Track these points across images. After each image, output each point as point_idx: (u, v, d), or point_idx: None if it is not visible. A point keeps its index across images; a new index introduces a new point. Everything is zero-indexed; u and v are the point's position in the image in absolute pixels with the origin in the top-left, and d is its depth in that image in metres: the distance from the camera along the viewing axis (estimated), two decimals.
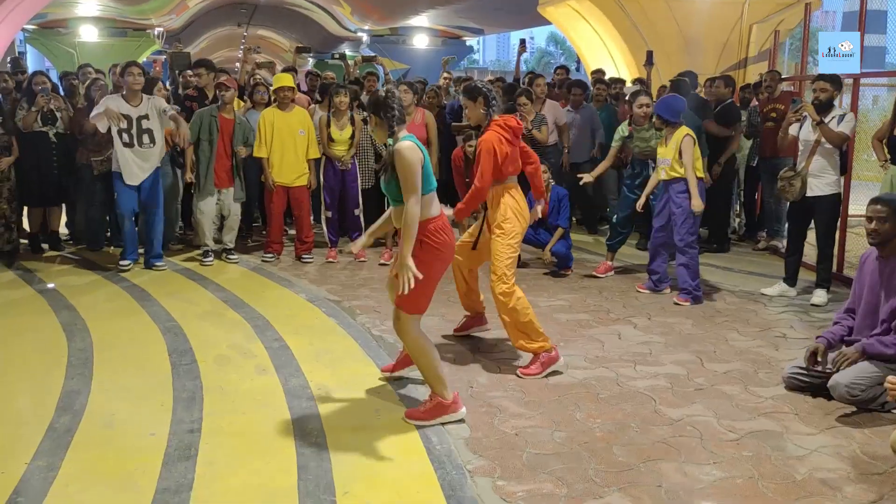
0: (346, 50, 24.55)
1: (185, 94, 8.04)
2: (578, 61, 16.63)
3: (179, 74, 9.30)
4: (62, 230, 7.98)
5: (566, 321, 5.58)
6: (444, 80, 10.35)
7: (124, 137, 6.59)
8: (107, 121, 6.44)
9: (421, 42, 27.15)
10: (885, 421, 3.92)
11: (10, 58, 13.32)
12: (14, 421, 3.87)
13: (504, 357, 4.80)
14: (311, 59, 28.05)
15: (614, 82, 9.77)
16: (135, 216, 7.03)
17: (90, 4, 19.11)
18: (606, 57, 14.18)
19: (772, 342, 5.18)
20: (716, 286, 6.59)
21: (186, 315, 5.59)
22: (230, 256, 7.31)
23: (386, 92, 3.83)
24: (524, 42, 10.44)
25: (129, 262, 6.84)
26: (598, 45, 14.52)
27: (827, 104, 6.00)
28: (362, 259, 7.38)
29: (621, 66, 13.65)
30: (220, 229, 7.38)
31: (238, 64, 12.66)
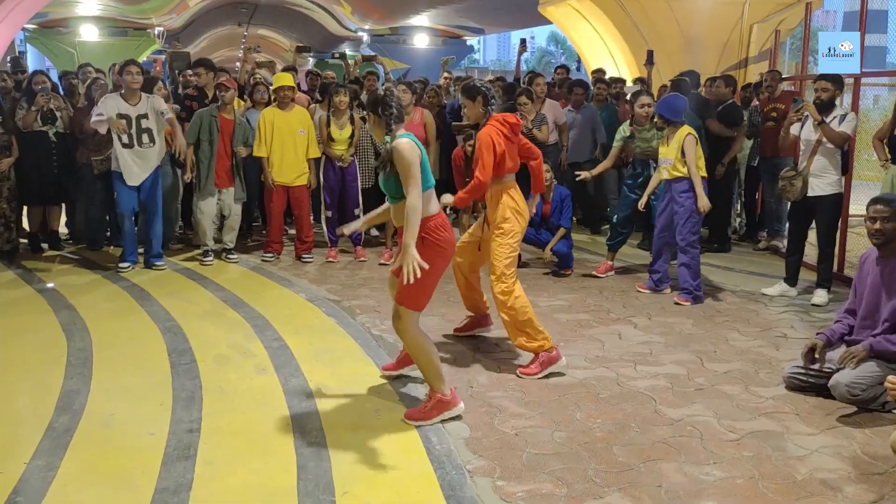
0: (346, 49, 24.52)
1: (185, 94, 8.03)
2: (579, 61, 16.63)
3: (179, 74, 9.29)
4: (62, 230, 7.97)
5: (566, 321, 5.57)
6: (444, 80, 10.34)
7: (123, 138, 6.57)
8: (107, 116, 6.44)
9: (421, 42, 27.16)
10: (886, 421, 3.91)
11: (10, 57, 13.31)
12: (13, 420, 3.87)
13: (504, 357, 4.79)
14: (312, 59, 28.05)
15: (615, 82, 9.77)
16: (135, 216, 7.03)
17: (90, 4, 19.10)
18: (607, 56, 14.18)
19: (772, 342, 5.17)
20: (716, 286, 6.58)
21: (186, 315, 5.58)
22: (230, 256, 7.30)
23: (385, 91, 3.89)
24: (525, 42, 10.43)
25: (128, 264, 6.82)
26: (598, 44, 14.52)
27: (828, 104, 6.00)
28: (362, 259, 7.38)
29: (622, 66, 13.65)
30: (220, 229, 7.38)
31: (238, 63, 12.64)
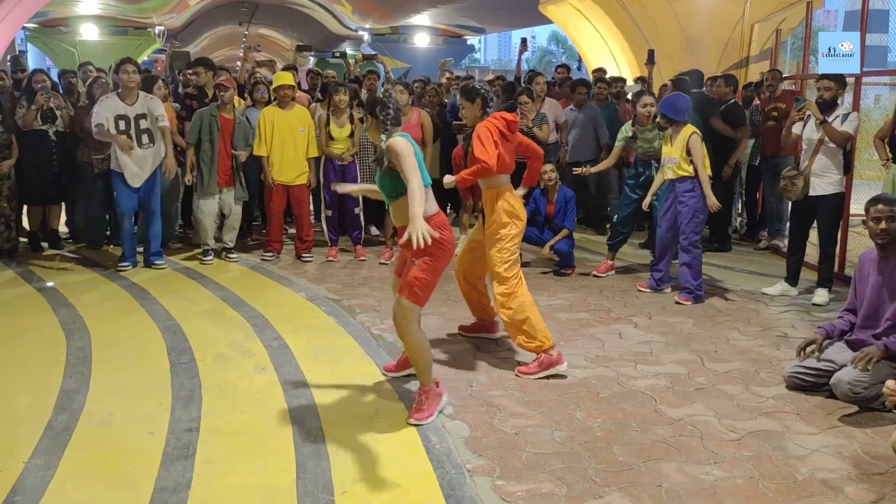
0: (346, 49, 24.53)
1: (186, 93, 8.03)
2: (580, 60, 16.61)
3: (179, 73, 9.29)
4: (62, 228, 7.98)
5: (566, 320, 5.57)
6: (446, 80, 10.34)
7: (131, 146, 6.56)
8: (107, 126, 6.44)
9: (422, 41, 27.15)
10: (887, 421, 3.90)
11: (10, 56, 13.31)
12: (12, 420, 3.86)
13: (504, 356, 4.79)
14: (312, 58, 28.05)
15: (615, 81, 9.77)
16: (135, 215, 7.02)
17: (91, 3, 19.09)
18: (608, 56, 14.16)
19: (773, 342, 5.16)
20: (717, 285, 6.57)
21: (186, 314, 5.58)
22: (230, 255, 7.30)
23: (384, 94, 4.00)
24: (525, 41, 10.43)
25: (128, 263, 6.82)
26: (599, 43, 14.51)
27: (831, 103, 5.98)
28: (362, 258, 7.38)
29: (623, 65, 13.63)
30: (220, 228, 7.37)
31: (239, 63, 12.63)
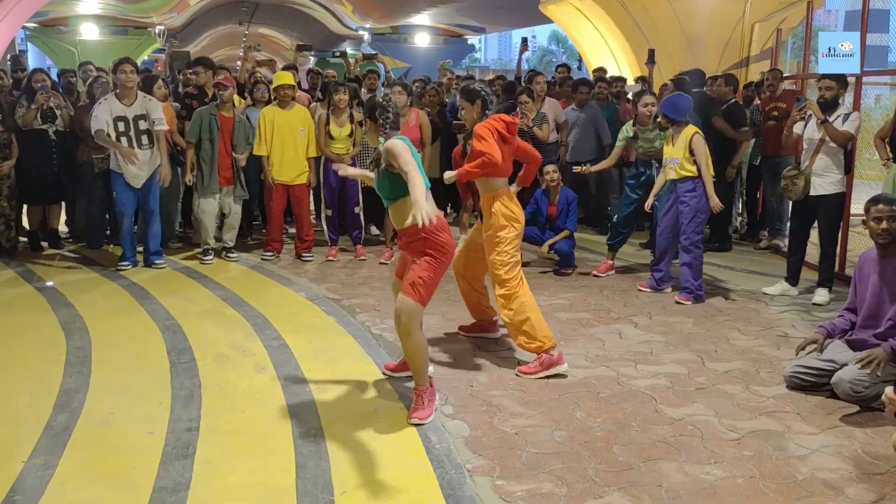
0: (347, 48, 24.51)
1: (186, 93, 8.04)
2: (580, 60, 16.59)
3: (179, 73, 9.29)
4: (62, 228, 7.97)
5: (567, 320, 5.56)
6: (446, 79, 10.33)
7: (123, 142, 6.55)
8: (107, 131, 6.45)
9: (422, 40, 27.13)
10: (887, 420, 3.89)
11: (10, 56, 13.30)
12: (12, 419, 3.86)
13: (504, 356, 4.78)
14: (313, 58, 28.04)
15: (615, 81, 9.76)
16: (135, 214, 7.02)
17: (91, 2, 19.07)
18: (608, 55, 14.15)
19: (773, 341, 5.16)
20: (717, 285, 6.57)
21: (186, 313, 5.58)
22: (230, 255, 7.29)
23: (383, 98, 4.02)
24: (526, 40, 10.42)
25: (127, 263, 6.81)
26: (599, 43, 14.49)
27: (832, 103, 5.97)
28: (362, 258, 7.37)
29: (623, 65, 13.62)
30: (220, 227, 7.36)
31: (239, 62, 12.64)
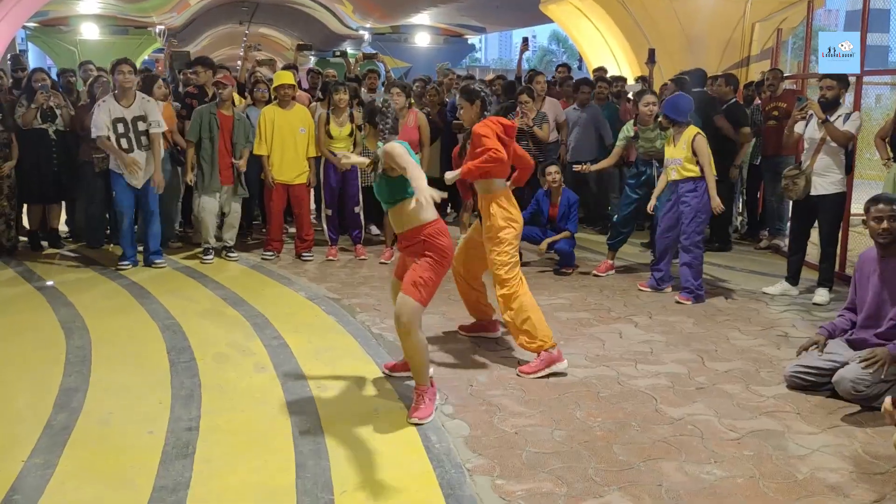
0: (347, 48, 24.50)
1: (186, 92, 8.05)
2: (580, 59, 16.58)
3: (180, 73, 9.30)
4: (62, 227, 7.97)
5: (567, 320, 5.56)
6: (447, 79, 10.33)
7: (123, 143, 6.55)
8: (107, 135, 6.45)
9: (422, 40, 27.10)
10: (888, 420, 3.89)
11: (10, 55, 13.30)
12: (11, 418, 3.86)
13: (504, 355, 4.78)
14: (313, 57, 28.03)
15: (616, 80, 9.76)
16: (136, 214, 7.01)
17: (91, 2, 19.05)
18: (608, 55, 14.14)
19: (773, 341, 5.16)
20: (718, 285, 6.56)
21: (186, 313, 5.57)
22: (230, 254, 7.29)
23: (382, 103, 4.04)
24: (526, 40, 10.42)
25: (127, 263, 6.81)
26: (600, 43, 14.48)
27: (833, 102, 5.96)
28: (362, 257, 7.37)
29: (623, 65, 13.61)
30: (220, 226, 7.36)
31: (240, 62, 12.64)
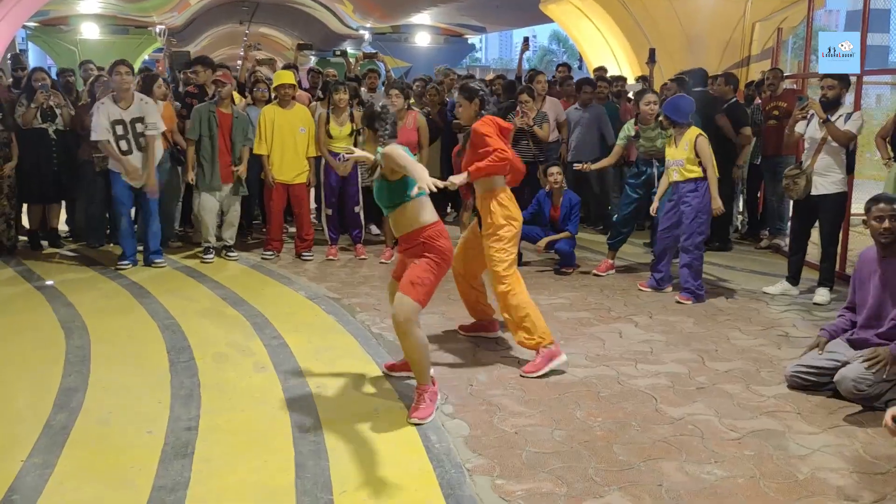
0: (347, 47, 24.49)
1: (186, 92, 8.05)
2: (581, 59, 16.58)
3: (180, 72, 9.30)
4: (62, 227, 7.97)
5: (567, 319, 5.55)
6: (448, 79, 10.32)
7: (122, 145, 6.54)
8: (107, 138, 6.45)
9: (423, 40, 27.09)
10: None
11: (10, 55, 13.30)
12: (11, 418, 3.85)
13: (504, 355, 4.77)
14: (313, 57, 28.02)
15: (616, 80, 9.76)
16: (136, 214, 7.01)
17: (91, 2, 19.05)
18: (609, 55, 14.14)
19: (774, 341, 5.15)
20: (718, 285, 6.56)
21: (185, 312, 5.57)
22: (230, 254, 7.29)
23: (381, 108, 4.02)
24: (527, 40, 10.40)
25: (127, 262, 6.80)
26: (600, 42, 14.48)
27: (834, 102, 5.95)
28: (362, 257, 7.37)
29: (623, 64, 13.61)
30: (220, 226, 7.36)
31: (240, 62, 12.65)
